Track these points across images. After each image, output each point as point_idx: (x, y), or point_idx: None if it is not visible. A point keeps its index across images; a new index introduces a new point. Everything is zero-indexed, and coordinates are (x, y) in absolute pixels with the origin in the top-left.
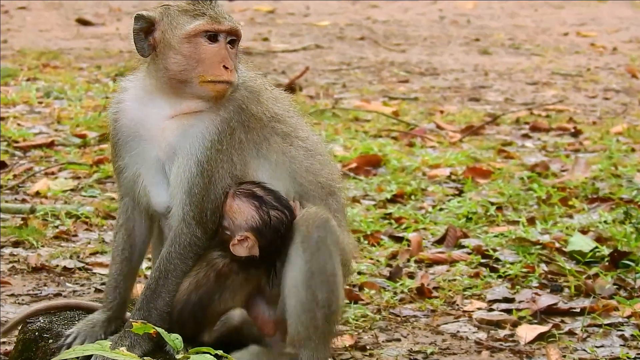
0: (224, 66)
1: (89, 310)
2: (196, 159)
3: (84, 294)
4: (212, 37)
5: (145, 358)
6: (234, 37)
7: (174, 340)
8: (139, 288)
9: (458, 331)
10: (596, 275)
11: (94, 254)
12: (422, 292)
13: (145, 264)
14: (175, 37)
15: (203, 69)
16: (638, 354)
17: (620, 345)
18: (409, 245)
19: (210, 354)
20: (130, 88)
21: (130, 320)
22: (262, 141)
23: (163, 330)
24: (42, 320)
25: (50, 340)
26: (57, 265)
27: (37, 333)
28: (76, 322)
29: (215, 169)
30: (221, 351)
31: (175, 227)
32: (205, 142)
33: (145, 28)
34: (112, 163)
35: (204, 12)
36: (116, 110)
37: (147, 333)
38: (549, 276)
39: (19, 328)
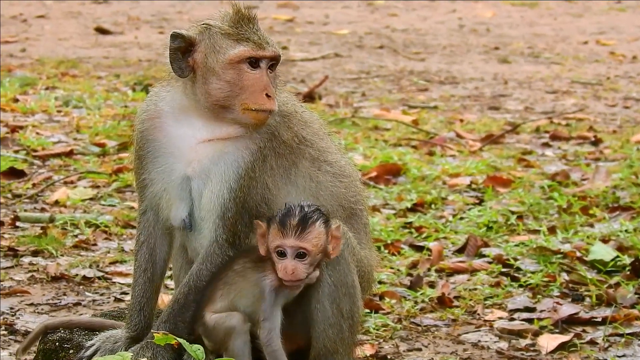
0: (266, 94)
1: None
2: (229, 186)
3: (103, 303)
4: (255, 62)
5: None
6: (275, 61)
7: (196, 351)
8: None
9: (479, 341)
10: (617, 284)
11: (113, 263)
12: (442, 302)
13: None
14: (219, 63)
15: (246, 96)
16: None
17: None
18: (429, 255)
19: None
20: (166, 103)
21: (153, 331)
22: (291, 166)
23: (185, 341)
24: (62, 331)
25: (71, 351)
26: (77, 275)
27: (57, 343)
28: (97, 333)
29: (249, 196)
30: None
31: (207, 247)
32: (240, 170)
33: (182, 48)
34: (135, 175)
35: (248, 37)
36: (150, 125)
37: (168, 344)
38: (570, 285)
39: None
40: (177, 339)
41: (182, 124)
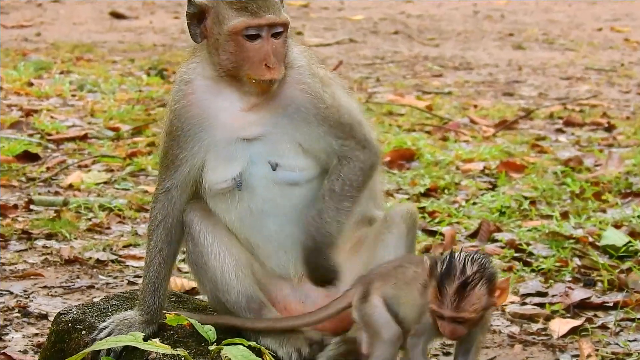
0: (265, 65)
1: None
2: (314, 114)
3: (116, 286)
4: (255, 32)
5: (177, 349)
6: (278, 29)
7: (207, 331)
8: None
9: (491, 325)
10: (629, 269)
11: (127, 246)
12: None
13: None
14: (222, 34)
15: (248, 67)
16: None
17: None
18: (442, 239)
19: (244, 345)
20: (197, 77)
21: (165, 312)
22: None
23: (196, 321)
24: (75, 312)
25: (84, 332)
26: (90, 258)
27: (70, 324)
28: (109, 313)
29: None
30: (254, 342)
31: (350, 153)
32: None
33: (197, 14)
34: (164, 154)
35: (246, 6)
36: (186, 102)
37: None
38: (582, 270)
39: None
40: (189, 319)
41: (217, 96)
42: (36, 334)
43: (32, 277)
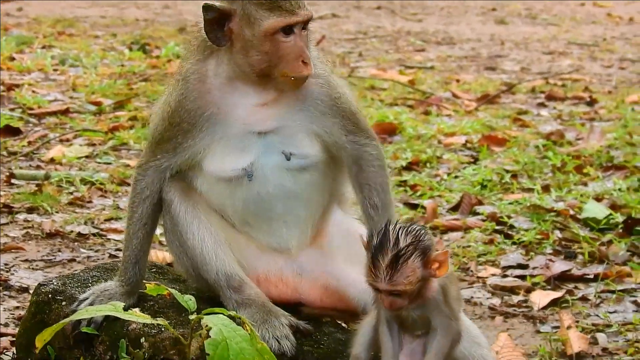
0: (302, 61)
1: None
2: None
3: (98, 259)
4: (289, 29)
5: (158, 319)
6: (307, 23)
7: (187, 301)
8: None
9: (472, 297)
10: (610, 242)
11: (108, 220)
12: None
13: None
14: (255, 35)
15: (284, 65)
16: None
17: (633, 311)
18: (424, 212)
19: (224, 314)
20: (213, 77)
21: (145, 282)
22: None
23: (176, 291)
24: (55, 283)
25: (64, 303)
26: (72, 231)
27: (50, 295)
28: (90, 284)
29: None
30: (234, 312)
31: (363, 152)
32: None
33: (217, 18)
34: (165, 138)
35: (279, 5)
36: (202, 103)
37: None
38: (563, 243)
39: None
40: (169, 289)
41: (233, 94)
42: (17, 307)
43: (13, 250)
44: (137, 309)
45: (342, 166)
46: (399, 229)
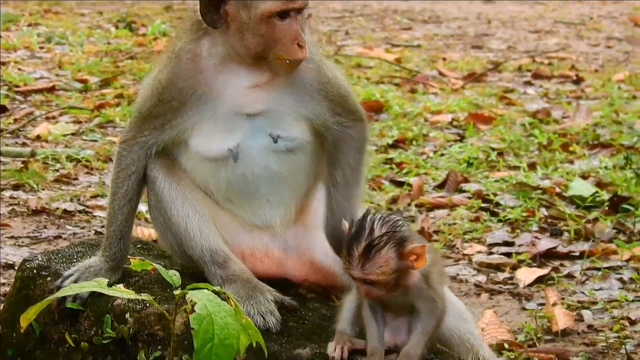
0: (298, 44)
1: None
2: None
3: (84, 236)
4: (285, 13)
5: (142, 294)
6: (303, 9)
7: (172, 276)
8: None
9: (458, 274)
10: (596, 219)
11: (94, 197)
12: (422, 235)
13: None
14: (252, 18)
15: (279, 48)
16: (636, 296)
17: (619, 288)
18: (410, 190)
19: (208, 290)
20: (207, 57)
21: (129, 257)
22: None
23: (160, 266)
24: (40, 259)
25: (49, 279)
26: (57, 208)
27: (35, 271)
28: (74, 260)
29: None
30: (219, 287)
31: (345, 132)
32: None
33: (213, 0)
34: (152, 114)
35: None
36: (194, 82)
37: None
38: (549, 220)
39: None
40: (153, 264)
41: (225, 74)
42: (3, 284)
43: None
44: (121, 285)
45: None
46: (377, 218)
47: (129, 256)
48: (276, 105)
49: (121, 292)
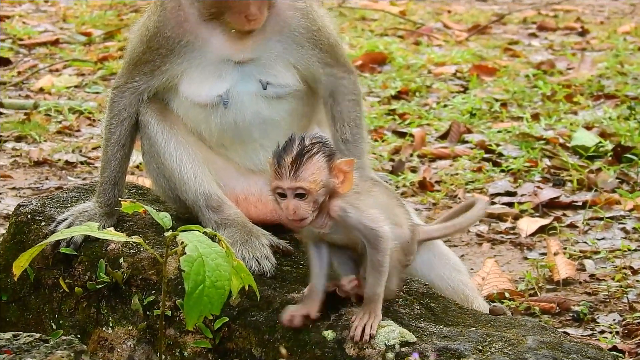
0: (246, 17)
1: None
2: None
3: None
4: None
5: (133, 237)
6: None
7: (163, 218)
8: None
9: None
10: (599, 169)
11: (96, 148)
12: (424, 186)
13: None
14: None
15: (228, 15)
16: (639, 246)
17: (622, 237)
18: (412, 141)
19: (199, 232)
20: (187, 8)
21: (120, 199)
22: None
23: (151, 208)
24: (34, 203)
25: (43, 223)
26: (59, 160)
27: (29, 216)
28: (69, 205)
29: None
30: (210, 229)
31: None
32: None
33: None
34: (142, 60)
35: None
36: (181, 31)
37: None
38: (552, 170)
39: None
40: (144, 206)
41: (210, 27)
42: (3, 234)
43: (1, 178)
44: (112, 228)
45: (320, 96)
46: (305, 135)
47: (120, 199)
48: (264, 53)
49: (112, 235)
